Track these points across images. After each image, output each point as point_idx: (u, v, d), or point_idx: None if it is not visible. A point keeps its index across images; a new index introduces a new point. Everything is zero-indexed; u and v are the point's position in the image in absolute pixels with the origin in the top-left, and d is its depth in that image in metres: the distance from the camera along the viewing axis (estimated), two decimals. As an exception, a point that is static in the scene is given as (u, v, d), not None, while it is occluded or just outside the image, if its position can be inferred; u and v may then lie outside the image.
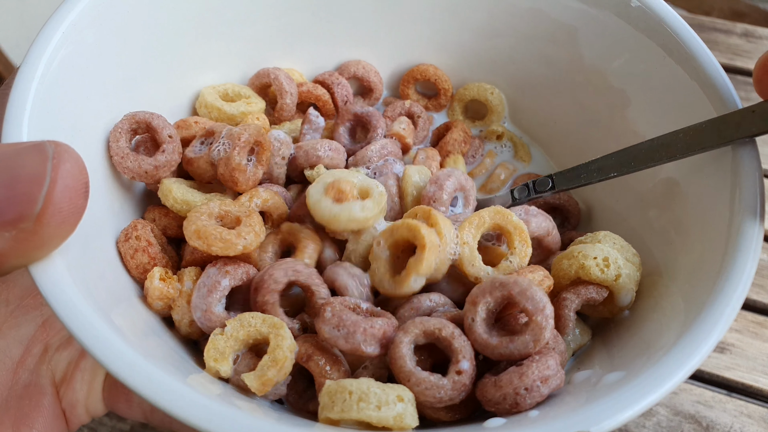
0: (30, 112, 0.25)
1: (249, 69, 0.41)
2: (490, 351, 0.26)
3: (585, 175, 0.32)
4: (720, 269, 0.26)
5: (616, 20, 0.34)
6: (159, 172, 0.31)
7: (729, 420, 0.48)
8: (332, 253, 0.32)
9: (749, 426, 0.48)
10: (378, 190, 0.30)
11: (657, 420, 0.47)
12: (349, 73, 0.43)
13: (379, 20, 0.42)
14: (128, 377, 0.20)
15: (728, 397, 0.49)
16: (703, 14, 1.00)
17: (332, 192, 0.29)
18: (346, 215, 0.29)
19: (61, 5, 0.29)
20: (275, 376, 0.26)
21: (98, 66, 0.30)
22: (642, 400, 0.21)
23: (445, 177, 0.32)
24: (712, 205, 0.29)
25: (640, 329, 0.28)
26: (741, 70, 0.73)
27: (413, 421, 0.24)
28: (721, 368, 0.50)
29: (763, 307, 0.54)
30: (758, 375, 0.50)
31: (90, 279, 0.25)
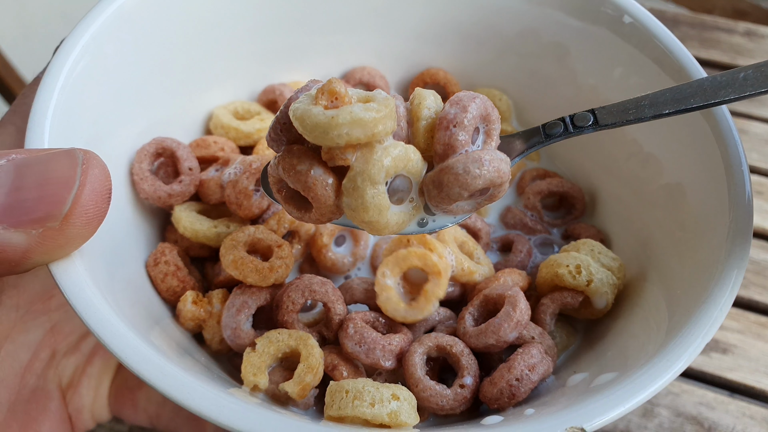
0: (51, 120, 0.28)
1: (257, 84, 0.43)
2: (474, 340, 0.30)
3: (634, 110, 0.29)
4: (713, 272, 0.28)
5: (610, 35, 0.36)
6: (172, 200, 0.34)
7: (731, 421, 0.48)
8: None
9: (751, 427, 0.48)
10: (381, 95, 0.25)
11: (659, 421, 0.48)
12: (355, 80, 0.45)
13: (386, 32, 0.44)
14: (173, 391, 0.22)
15: (730, 399, 0.49)
16: (705, 13, 1.01)
17: (323, 98, 0.24)
18: (346, 116, 0.23)
19: (81, 20, 0.31)
20: (312, 381, 0.29)
21: (114, 80, 0.33)
22: (632, 398, 0.23)
23: (470, 98, 0.26)
24: (710, 210, 0.31)
25: (631, 330, 0.30)
26: None
27: (410, 419, 0.26)
28: (724, 369, 0.51)
29: (765, 308, 0.54)
30: (761, 376, 0.50)
31: (124, 302, 0.27)
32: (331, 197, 0.24)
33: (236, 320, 0.30)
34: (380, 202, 0.24)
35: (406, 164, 0.25)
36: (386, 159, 0.24)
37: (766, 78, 0.26)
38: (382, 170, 0.24)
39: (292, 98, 0.25)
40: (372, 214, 0.24)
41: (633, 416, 0.47)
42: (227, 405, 0.21)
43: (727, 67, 0.73)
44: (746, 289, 0.55)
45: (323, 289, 0.31)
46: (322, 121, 0.23)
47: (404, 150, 0.24)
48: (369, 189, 0.23)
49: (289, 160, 0.24)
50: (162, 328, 0.30)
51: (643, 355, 0.26)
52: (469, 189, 0.24)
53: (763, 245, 0.58)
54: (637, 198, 0.37)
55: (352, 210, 0.24)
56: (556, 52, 0.40)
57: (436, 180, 0.25)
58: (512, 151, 0.30)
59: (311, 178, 0.24)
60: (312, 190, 0.24)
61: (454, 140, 0.25)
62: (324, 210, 0.24)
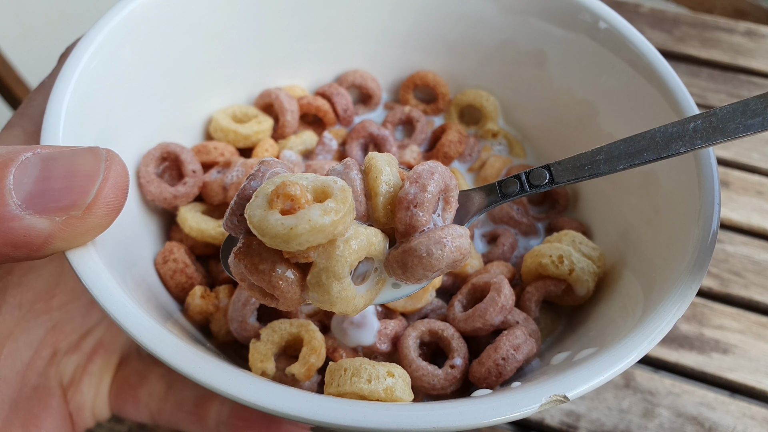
0: (64, 122, 0.30)
1: (254, 88, 0.46)
2: (462, 324, 0.32)
3: (589, 166, 0.29)
4: (683, 255, 0.30)
5: (587, 41, 0.39)
6: (177, 201, 0.37)
7: (732, 421, 0.49)
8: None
9: (752, 427, 0.49)
10: (338, 186, 0.24)
11: (660, 422, 0.48)
12: (348, 83, 0.47)
13: (376, 40, 0.47)
14: (188, 367, 0.24)
15: (731, 399, 0.50)
16: (705, 12, 1.03)
17: (279, 202, 0.23)
18: (305, 226, 0.22)
19: (90, 28, 0.34)
20: (316, 362, 0.31)
21: (121, 85, 0.36)
22: (610, 369, 0.25)
23: (428, 176, 0.26)
24: (682, 196, 0.33)
25: (610, 309, 0.33)
26: (743, 69, 0.75)
27: (404, 395, 0.28)
28: (724, 370, 0.51)
29: (766, 307, 0.55)
30: (761, 376, 0.51)
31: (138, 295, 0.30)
32: (297, 292, 0.25)
33: (242, 313, 0.33)
34: (347, 295, 0.24)
35: (368, 249, 0.25)
36: (349, 254, 0.24)
37: (714, 130, 0.27)
38: (345, 265, 0.24)
39: (245, 188, 0.26)
40: (341, 306, 0.24)
41: (634, 417, 0.48)
42: (239, 379, 0.24)
43: (729, 67, 0.75)
44: (747, 289, 0.56)
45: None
46: (281, 233, 0.23)
47: (365, 238, 0.25)
48: (334, 285, 0.24)
49: (251, 259, 0.24)
50: (174, 321, 0.32)
51: (620, 333, 0.28)
52: (433, 270, 0.26)
53: (764, 245, 0.59)
54: (615, 188, 0.39)
55: (319, 303, 0.25)
56: (535, 58, 0.43)
57: (401, 261, 0.26)
58: (470, 207, 0.31)
59: (275, 277, 0.24)
60: (277, 288, 0.24)
61: (415, 221, 0.26)
62: (290, 303, 0.25)
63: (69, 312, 0.36)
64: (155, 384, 0.38)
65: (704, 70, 0.76)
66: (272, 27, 0.44)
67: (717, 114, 0.27)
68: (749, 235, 0.60)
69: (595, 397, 0.49)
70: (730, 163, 0.66)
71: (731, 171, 0.65)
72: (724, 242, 0.59)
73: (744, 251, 0.59)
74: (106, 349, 0.38)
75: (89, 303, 0.36)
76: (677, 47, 0.78)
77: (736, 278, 0.57)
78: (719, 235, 0.59)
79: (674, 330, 0.53)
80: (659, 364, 0.52)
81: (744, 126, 0.26)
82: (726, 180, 0.64)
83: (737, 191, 0.63)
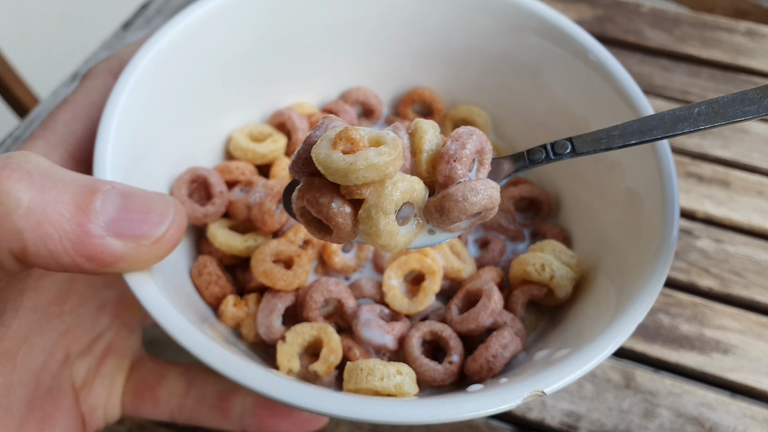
0: (111, 146, 0.35)
1: (268, 107, 0.51)
2: (458, 326, 0.38)
3: (606, 140, 0.33)
4: (647, 265, 0.35)
5: (579, 63, 0.44)
6: (207, 219, 0.42)
7: (732, 422, 0.49)
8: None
9: (753, 428, 0.49)
10: (390, 136, 0.29)
11: (660, 422, 0.49)
12: (352, 100, 0.52)
13: (381, 56, 0.51)
14: (230, 370, 0.29)
15: (732, 399, 0.50)
16: (706, 12, 1.02)
17: (341, 143, 0.28)
18: (363, 162, 0.27)
19: (128, 64, 0.39)
20: (335, 360, 0.37)
21: (153, 112, 0.40)
22: (582, 367, 0.31)
23: (468, 135, 0.31)
24: (650, 210, 0.38)
25: (586, 308, 0.38)
26: (744, 69, 0.76)
27: (411, 389, 0.34)
28: (725, 370, 0.52)
29: (766, 308, 0.56)
30: (762, 377, 0.51)
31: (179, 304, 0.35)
32: (349, 225, 0.29)
33: (269, 319, 0.38)
34: (391, 229, 0.29)
35: (411, 195, 0.30)
36: (395, 193, 0.28)
37: (716, 114, 0.30)
38: (392, 203, 0.28)
39: (311, 136, 0.30)
40: (384, 239, 0.29)
41: (634, 417, 0.49)
42: (274, 379, 0.29)
43: (729, 66, 0.77)
44: (747, 289, 0.57)
45: (337, 289, 0.39)
46: (342, 167, 0.27)
47: (410, 183, 0.29)
48: (381, 219, 0.28)
49: (312, 193, 0.29)
50: (210, 325, 0.38)
51: (593, 333, 0.34)
52: (467, 213, 0.30)
53: (765, 245, 0.60)
54: (599, 199, 0.44)
55: (367, 235, 0.29)
56: (529, 71, 0.48)
57: (439, 205, 0.30)
58: (500, 172, 0.35)
59: (332, 210, 0.29)
60: (333, 219, 0.29)
61: (454, 173, 0.30)
62: (343, 234, 0.30)
63: (80, 316, 0.38)
64: (175, 382, 0.40)
65: (705, 69, 0.77)
66: (283, 50, 0.48)
67: (719, 101, 0.30)
68: (750, 235, 0.61)
69: (595, 398, 0.50)
70: (731, 163, 0.67)
71: (732, 171, 0.66)
72: (724, 242, 0.61)
73: (744, 251, 0.60)
74: (117, 352, 0.40)
75: (98, 308, 0.39)
76: (678, 47, 0.79)
77: (736, 278, 0.58)
78: (719, 236, 0.61)
79: (675, 330, 0.54)
80: (660, 364, 0.53)
81: (742, 112, 0.30)
82: (726, 180, 0.65)
83: (738, 191, 0.64)
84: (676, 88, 0.75)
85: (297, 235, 0.41)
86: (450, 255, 0.41)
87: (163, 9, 0.82)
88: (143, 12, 0.81)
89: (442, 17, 0.48)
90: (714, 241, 0.61)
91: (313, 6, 0.47)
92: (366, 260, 0.44)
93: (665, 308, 0.56)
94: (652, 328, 0.54)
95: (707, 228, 0.62)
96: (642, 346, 0.53)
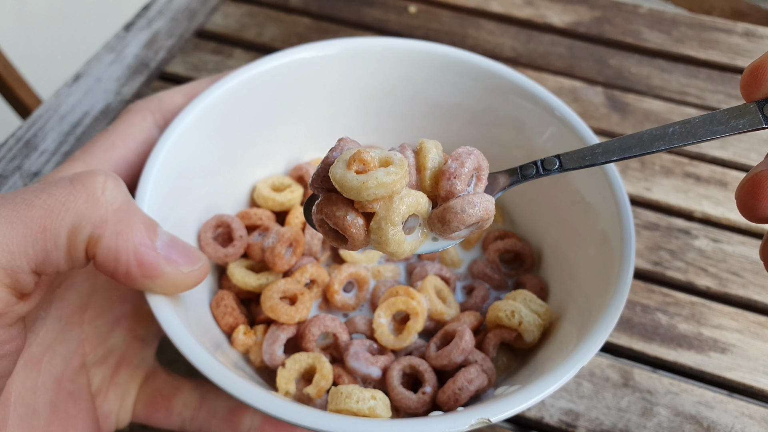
0: (150, 190, 0.43)
1: (290, 161, 0.58)
2: (434, 361, 0.44)
3: (590, 157, 0.36)
4: (601, 307, 0.40)
5: (550, 118, 0.50)
6: (227, 259, 0.49)
7: (730, 421, 0.50)
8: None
9: (750, 426, 0.49)
10: (398, 157, 0.32)
11: (658, 420, 0.50)
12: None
13: (381, 115, 0.58)
14: (235, 390, 0.35)
15: (729, 398, 0.51)
16: (704, 13, 1.05)
17: (355, 164, 0.32)
18: (373, 181, 0.31)
19: (173, 121, 0.46)
20: (326, 385, 0.43)
21: (188, 163, 0.48)
22: (524, 402, 0.36)
23: (466, 155, 0.34)
24: (616, 253, 0.43)
25: (547, 356, 0.43)
26: (742, 70, 0.77)
27: (384, 413, 0.39)
28: (723, 369, 0.52)
29: (764, 307, 0.57)
30: (759, 375, 0.52)
31: (197, 331, 0.42)
32: (362, 235, 0.34)
33: (272, 348, 0.44)
34: (399, 238, 0.33)
35: (416, 207, 0.34)
36: (402, 206, 0.32)
37: (688, 133, 0.32)
38: (399, 215, 0.32)
39: (328, 157, 0.34)
40: (393, 247, 0.33)
41: (632, 416, 0.50)
42: (270, 399, 0.35)
43: (727, 67, 0.78)
44: (745, 288, 0.58)
45: (333, 324, 0.46)
46: (355, 185, 0.31)
47: (415, 198, 0.33)
48: (390, 229, 0.32)
49: (330, 207, 0.34)
50: (222, 350, 0.44)
51: (543, 372, 0.39)
52: (465, 224, 0.33)
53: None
54: (575, 246, 0.49)
55: (378, 243, 0.33)
56: (513, 124, 0.54)
57: (441, 216, 0.34)
58: (496, 186, 0.39)
59: (347, 222, 0.33)
60: (348, 230, 0.33)
61: (454, 188, 0.34)
62: (356, 243, 0.34)
63: (97, 327, 0.42)
64: (189, 395, 0.44)
65: (702, 70, 0.78)
66: (301, 113, 0.56)
67: (691, 122, 0.33)
68: (747, 235, 0.62)
69: (593, 396, 0.51)
70: (728, 163, 0.69)
71: (729, 171, 0.68)
72: (722, 242, 0.62)
73: (742, 251, 0.61)
74: (130, 363, 0.43)
75: (114, 320, 0.43)
76: (676, 48, 0.81)
77: (734, 278, 0.59)
78: (717, 235, 0.63)
79: (673, 329, 0.55)
80: (658, 363, 0.54)
81: (711, 131, 0.32)
82: (724, 180, 0.67)
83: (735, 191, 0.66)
84: (674, 89, 0.76)
85: (303, 276, 0.48)
86: (435, 299, 0.47)
87: (165, 10, 0.85)
88: (145, 13, 0.85)
89: (434, 81, 0.55)
90: (712, 241, 0.62)
91: (325, 76, 0.54)
92: (364, 300, 0.50)
93: (663, 307, 0.57)
94: (650, 328, 0.56)
95: (705, 228, 0.63)
96: (640, 345, 0.55)
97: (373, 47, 0.54)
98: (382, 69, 0.55)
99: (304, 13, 0.86)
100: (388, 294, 0.47)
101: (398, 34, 0.83)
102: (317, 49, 0.53)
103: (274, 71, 0.52)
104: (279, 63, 0.52)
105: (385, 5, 0.87)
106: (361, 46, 0.54)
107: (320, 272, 0.48)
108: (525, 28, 0.85)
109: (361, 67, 0.55)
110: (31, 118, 0.71)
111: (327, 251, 0.53)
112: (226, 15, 0.85)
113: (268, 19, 0.85)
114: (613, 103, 0.75)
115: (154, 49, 0.80)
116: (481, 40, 0.83)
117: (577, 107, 0.75)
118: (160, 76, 0.78)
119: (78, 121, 0.72)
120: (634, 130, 0.72)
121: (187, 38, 0.82)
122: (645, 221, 0.64)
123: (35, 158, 0.67)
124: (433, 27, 0.84)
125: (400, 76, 0.56)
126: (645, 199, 0.66)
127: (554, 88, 0.77)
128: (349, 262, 0.51)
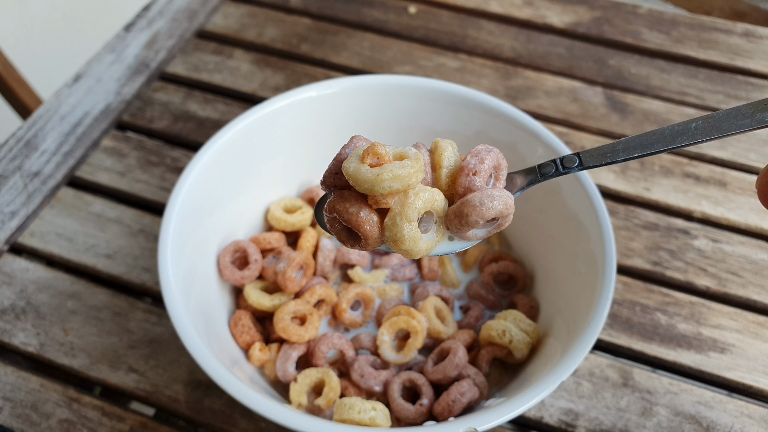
0: (174, 222, 0.50)
1: (302, 185, 0.65)
2: (431, 375, 0.50)
3: (610, 154, 0.35)
4: (583, 327, 0.46)
5: (536, 142, 0.56)
6: (244, 281, 0.56)
7: (729, 420, 0.51)
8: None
9: (750, 426, 0.50)
10: (413, 152, 0.32)
11: (657, 420, 0.51)
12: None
13: (380, 136, 0.63)
14: (251, 403, 0.42)
15: (729, 398, 0.52)
16: (703, 14, 1.07)
17: (369, 158, 0.31)
18: (388, 174, 0.30)
19: (195, 155, 0.54)
20: (334, 397, 0.50)
21: (209, 191, 0.55)
22: (508, 414, 0.42)
23: (486, 152, 0.34)
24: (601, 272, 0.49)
25: (534, 371, 0.49)
26: (741, 70, 0.80)
27: (384, 422, 0.46)
28: (722, 369, 0.54)
29: (763, 307, 0.58)
30: (759, 375, 0.54)
31: (215, 348, 0.48)
32: (376, 232, 0.33)
33: (285, 365, 0.51)
34: (414, 235, 0.33)
35: (432, 204, 0.33)
36: (418, 202, 0.32)
37: (712, 128, 0.32)
38: (415, 211, 0.32)
39: (340, 153, 0.34)
40: (408, 244, 0.33)
41: (632, 415, 0.51)
42: (283, 411, 0.42)
43: (726, 68, 0.81)
44: (744, 288, 0.59)
45: (340, 341, 0.52)
46: (369, 178, 0.31)
47: (431, 194, 0.33)
48: (405, 225, 0.32)
49: (343, 203, 0.33)
50: (239, 366, 0.51)
51: (527, 386, 0.45)
52: (484, 217, 0.33)
53: (762, 245, 0.62)
54: (564, 265, 0.54)
55: (392, 242, 0.33)
56: (507, 145, 0.59)
57: (458, 211, 0.33)
58: (514, 186, 0.39)
59: (360, 218, 0.33)
60: (361, 227, 0.33)
61: (473, 185, 0.34)
62: (371, 241, 0.33)
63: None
64: None
65: (702, 71, 0.80)
66: (310, 144, 0.63)
67: (714, 116, 0.33)
68: (747, 235, 0.64)
69: (593, 396, 0.53)
70: (728, 163, 0.71)
71: (729, 171, 0.69)
72: (721, 242, 0.63)
73: (741, 251, 0.62)
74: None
75: None
76: (675, 48, 0.83)
77: (733, 278, 0.60)
78: (717, 235, 0.65)
79: (672, 329, 0.57)
80: (657, 363, 0.55)
81: (736, 125, 0.32)
82: (723, 180, 0.68)
83: (735, 191, 0.67)
84: (674, 89, 0.78)
85: (312, 296, 0.54)
86: (434, 318, 0.54)
87: (165, 10, 0.87)
88: (145, 14, 0.87)
89: (432, 110, 0.61)
90: (711, 241, 0.64)
91: (332, 109, 0.61)
92: (370, 317, 0.57)
93: (663, 307, 0.59)
94: (649, 327, 0.58)
95: (704, 228, 0.65)
96: (640, 345, 0.57)
97: (372, 84, 0.61)
98: (381, 102, 0.62)
99: (304, 13, 0.89)
100: (391, 314, 0.54)
101: (398, 35, 0.86)
102: (324, 88, 0.60)
103: (284, 109, 0.59)
104: (289, 101, 0.59)
105: (385, 5, 0.89)
106: (361, 84, 0.61)
107: (328, 292, 0.55)
108: (525, 28, 0.87)
109: (362, 101, 0.62)
110: (31, 119, 0.73)
111: (337, 270, 0.59)
112: (226, 15, 0.88)
113: (269, 19, 0.87)
114: (613, 104, 0.77)
115: (155, 49, 0.83)
116: (481, 40, 0.85)
117: (576, 107, 0.77)
118: (160, 76, 0.81)
119: (78, 121, 0.74)
120: (634, 130, 0.75)
121: (188, 38, 0.85)
122: (644, 221, 0.66)
123: (35, 158, 0.70)
124: (433, 27, 0.87)
125: (397, 107, 0.62)
126: (644, 199, 0.68)
127: (554, 88, 0.79)
128: (356, 282, 0.57)
